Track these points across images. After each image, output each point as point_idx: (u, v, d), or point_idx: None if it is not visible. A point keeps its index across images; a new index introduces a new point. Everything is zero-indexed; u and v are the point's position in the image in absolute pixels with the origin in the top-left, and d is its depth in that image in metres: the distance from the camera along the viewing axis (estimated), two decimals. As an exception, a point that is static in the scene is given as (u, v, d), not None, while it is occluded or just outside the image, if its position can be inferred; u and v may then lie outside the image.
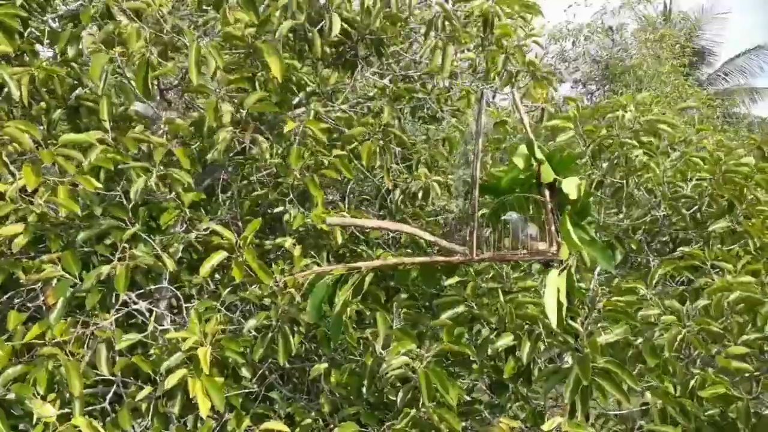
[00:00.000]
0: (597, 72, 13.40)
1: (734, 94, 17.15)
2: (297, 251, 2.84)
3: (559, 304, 2.18)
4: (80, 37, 2.59)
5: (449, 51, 2.77)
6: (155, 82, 2.92)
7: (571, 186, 2.25)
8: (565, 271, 2.21)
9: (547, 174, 2.30)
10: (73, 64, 2.80)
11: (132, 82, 2.57)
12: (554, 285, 2.18)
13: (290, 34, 2.95)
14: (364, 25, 2.86)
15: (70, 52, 2.60)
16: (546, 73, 3.40)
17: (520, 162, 2.33)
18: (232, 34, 2.63)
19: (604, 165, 3.28)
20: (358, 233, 3.49)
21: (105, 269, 2.30)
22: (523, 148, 2.38)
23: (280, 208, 3.03)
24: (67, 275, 2.33)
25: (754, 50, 17.77)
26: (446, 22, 2.82)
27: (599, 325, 2.47)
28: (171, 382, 2.20)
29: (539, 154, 2.32)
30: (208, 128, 2.67)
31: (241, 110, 2.69)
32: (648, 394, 2.40)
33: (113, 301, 2.48)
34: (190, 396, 2.22)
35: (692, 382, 2.47)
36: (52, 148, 2.36)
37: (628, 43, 13.35)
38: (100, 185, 2.39)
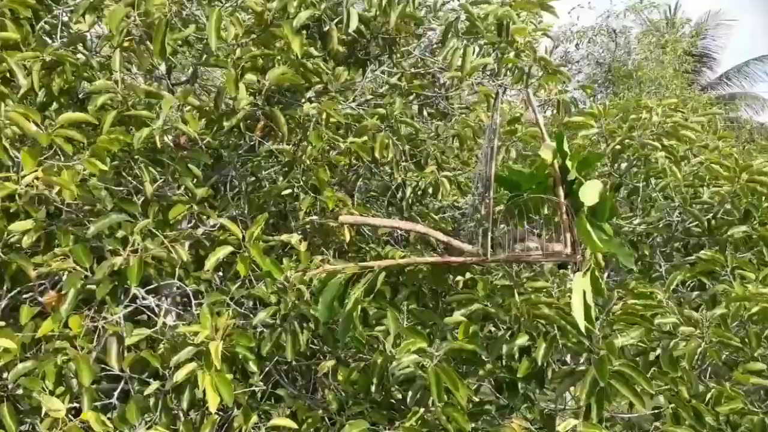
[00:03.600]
0: (600, 74, 13.40)
1: (736, 99, 17.15)
2: (303, 247, 2.82)
3: (586, 306, 2.16)
4: (99, 7, 2.55)
5: (469, 52, 2.75)
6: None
7: (591, 191, 2.22)
8: (589, 273, 2.19)
9: (570, 171, 2.27)
10: (84, 51, 2.77)
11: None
12: (580, 287, 2.15)
13: (304, 32, 2.94)
14: (378, 23, 2.84)
15: (87, 20, 2.56)
16: (557, 67, 3.40)
17: (548, 155, 2.28)
18: (252, 7, 2.64)
19: (623, 165, 3.27)
20: (365, 231, 3.47)
21: (118, 260, 2.27)
22: (550, 143, 2.34)
23: (288, 191, 3.01)
24: (78, 267, 2.30)
25: (759, 59, 17.77)
26: (468, 24, 2.80)
27: (614, 327, 2.45)
28: (180, 375, 2.18)
29: (566, 148, 2.28)
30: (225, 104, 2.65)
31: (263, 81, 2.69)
32: (661, 398, 2.38)
33: (122, 295, 2.46)
34: (200, 390, 2.20)
35: (708, 396, 2.46)
36: (50, 129, 2.32)
37: (632, 46, 13.36)
38: (105, 167, 2.36)
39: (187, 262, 2.60)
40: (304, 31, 2.87)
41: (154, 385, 2.30)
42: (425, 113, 3.70)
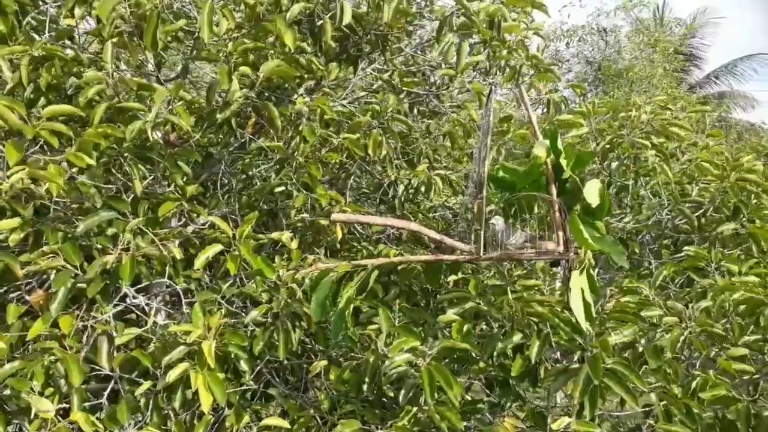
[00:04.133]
0: (590, 73, 13.45)
1: (725, 98, 17.27)
2: (294, 245, 2.80)
3: (586, 304, 2.16)
4: (89, 1, 2.52)
5: (464, 47, 2.74)
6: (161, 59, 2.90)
7: (592, 191, 2.22)
8: (586, 271, 2.19)
9: (564, 169, 2.28)
10: (73, 45, 2.74)
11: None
12: (578, 286, 2.16)
13: (296, 27, 2.92)
14: (371, 19, 2.83)
15: (77, 12, 2.52)
16: (549, 65, 3.40)
17: (542, 152, 2.28)
18: (244, 0, 2.63)
19: (613, 165, 3.28)
20: (356, 229, 3.46)
21: (110, 259, 2.24)
22: (544, 141, 2.34)
23: (280, 189, 3.00)
24: (68, 266, 2.27)
25: (748, 57, 17.90)
26: (463, 19, 2.79)
27: (606, 325, 2.45)
28: (173, 375, 2.15)
29: (560, 146, 2.29)
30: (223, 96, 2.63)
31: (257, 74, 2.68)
32: (653, 396, 2.39)
33: (113, 294, 2.43)
34: (192, 390, 2.17)
35: (693, 384, 2.47)
36: (36, 122, 2.28)
37: (622, 45, 13.42)
38: (92, 161, 2.33)
39: (177, 260, 2.57)
40: (296, 26, 2.85)
41: (146, 384, 2.27)
42: (415, 111, 3.69)
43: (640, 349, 2.52)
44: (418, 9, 3.09)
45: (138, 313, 2.65)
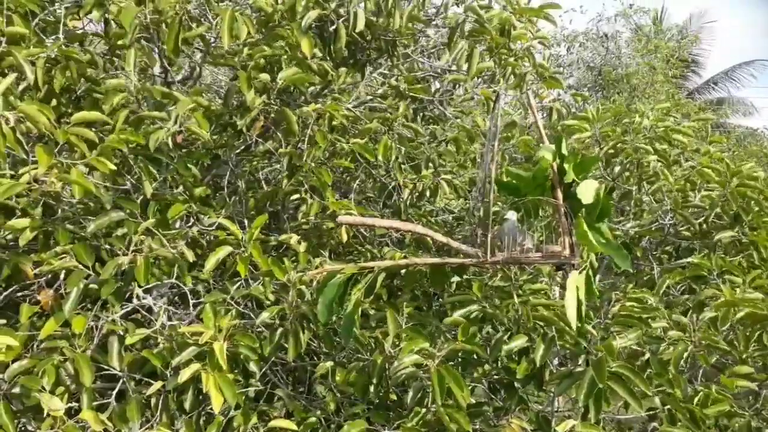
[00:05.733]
0: (590, 78, 13.50)
1: (724, 105, 17.34)
2: (302, 248, 2.82)
3: (579, 302, 2.18)
4: (106, 4, 2.54)
5: (476, 54, 2.77)
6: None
7: (587, 190, 2.26)
8: (585, 272, 2.21)
9: (568, 173, 2.31)
10: (88, 47, 2.76)
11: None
12: (574, 284, 2.18)
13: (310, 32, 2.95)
14: (381, 25, 2.85)
15: (95, 14, 2.54)
16: (554, 74, 3.43)
17: (548, 156, 2.32)
18: (262, 7, 2.67)
19: (616, 169, 3.31)
20: (361, 232, 3.48)
21: (125, 260, 2.26)
22: (549, 145, 2.38)
23: (296, 196, 3.02)
24: (81, 266, 2.29)
25: (745, 63, 17.98)
26: (475, 26, 2.83)
27: (610, 330, 2.47)
28: (185, 376, 2.17)
29: (565, 151, 2.32)
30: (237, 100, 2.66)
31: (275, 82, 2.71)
32: (657, 400, 2.41)
33: (124, 295, 2.45)
34: (204, 391, 2.19)
35: (696, 399, 2.49)
36: (65, 127, 2.31)
37: (622, 51, 13.47)
38: (114, 167, 2.35)
39: (186, 261, 2.59)
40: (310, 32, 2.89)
41: (157, 385, 2.28)
42: (419, 118, 3.72)
43: (646, 357, 2.53)
44: (426, 16, 3.11)
45: (144, 313, 2.67)
